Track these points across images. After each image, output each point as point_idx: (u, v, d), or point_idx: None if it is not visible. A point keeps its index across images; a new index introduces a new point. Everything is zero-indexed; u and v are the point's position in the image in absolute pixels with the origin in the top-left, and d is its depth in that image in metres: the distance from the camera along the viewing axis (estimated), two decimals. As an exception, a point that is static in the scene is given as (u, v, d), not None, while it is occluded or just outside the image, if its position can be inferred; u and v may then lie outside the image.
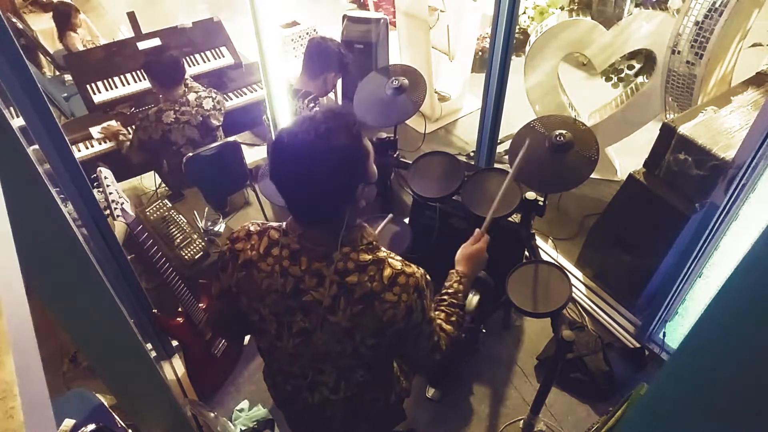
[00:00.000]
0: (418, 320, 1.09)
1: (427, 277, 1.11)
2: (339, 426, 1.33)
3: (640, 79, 3.01)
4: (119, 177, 2.52)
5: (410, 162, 2.19)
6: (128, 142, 2.76)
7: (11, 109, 1.42)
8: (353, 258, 1.05)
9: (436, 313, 1.25)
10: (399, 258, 1.10)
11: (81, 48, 4.01)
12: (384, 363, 1.28)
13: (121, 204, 1.74)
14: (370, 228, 1.13)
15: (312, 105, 2.35)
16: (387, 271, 1.05)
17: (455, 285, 1.32)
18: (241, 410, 2.15)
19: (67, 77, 3.77)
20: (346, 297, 1.05)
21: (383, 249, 1.11)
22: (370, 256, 1.06)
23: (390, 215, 1.74)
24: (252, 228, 1.15)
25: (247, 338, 2.39)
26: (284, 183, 1.02)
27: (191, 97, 2.64)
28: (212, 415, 1.98)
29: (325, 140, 0.96)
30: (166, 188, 3.15)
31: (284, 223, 1.12)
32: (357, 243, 1.07)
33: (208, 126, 2.72)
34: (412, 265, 1.09)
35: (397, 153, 2.34)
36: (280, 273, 1.08)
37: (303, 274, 1.07)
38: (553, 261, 2.52)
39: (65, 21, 3.98)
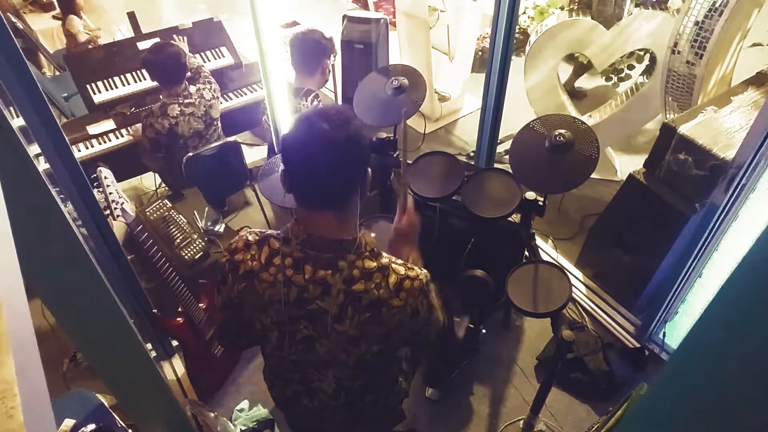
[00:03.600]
0: (426, 315, 1.11)
1: (428, 275, 1.12)
2: (339, 427, 1.33)
3: (640, 79, 3.01)
4: (119, 177, 2.52)
5: (410, 162, 2.19)
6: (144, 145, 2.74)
7: (11, 109, 1.42)
8: (358, 266, 1.05)
9: None
10: (400, 262, 1.10)
11: (83, 32, 3.98)
12: (385, 367, 1.28)
13: (121, 204, 1.74)
14: (368, 234, 1.13)
15: (315, 103, 2.36)
16: (392, 278, 1.05)
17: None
18: (241, 410, 2.15)
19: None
20: (354, 305, 1.04)
21: (385, 254, 1.11)
22: (375, 263, 1.06)
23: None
24: (250, 237, 1.12)
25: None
26: (294, 160, 1.02)
27: (192, 89, 2.64)
28: (212, 415, 1.98)
29: (338, 125, 0.98)
30: (166, 188, 3.15)
31: (283, 231, 1.10)
32: (361, 250, 1.07)
33: (211, 117, 2.73)
34: (415, 268, 1.09)
35: (397, 153, 2.33)
36: (284, 282, 1.07)
37: (307, 283, 1.06)
38: (553, 261, 2.52)
39: (68, 3, 3.98)
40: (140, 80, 3.06)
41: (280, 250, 1.08)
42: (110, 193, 1.73)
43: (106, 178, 1.76)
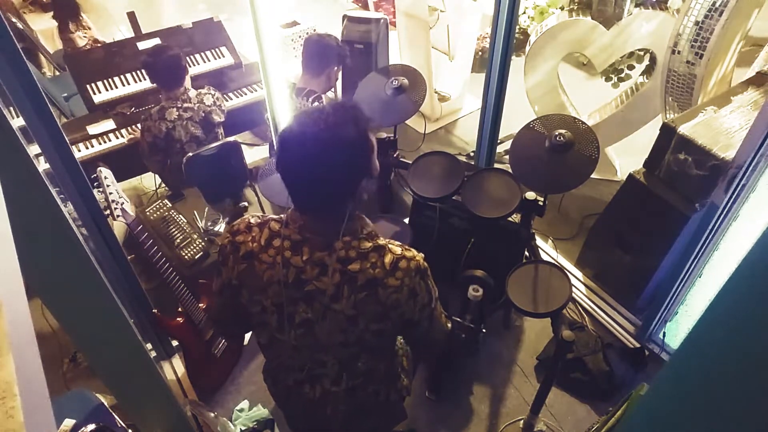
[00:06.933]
0: (425, 301, 1.12)
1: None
2: (340, 424, 1.33)
3: (640, 79, 3.01)
4: (119, 177, 2.52)
5: (410, 162, 2.19)
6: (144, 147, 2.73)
7: (11, 109, 1.42)
8: (354, 246, 1.07)
9: None
10: (398, 243, 1.12)
11: (80, 36, 4.00)
12: (387, 351, 1.28)
13: (121, 204, 1.74)
14: (368, 219, 1.15)
15: (316, 104, 2.36)
16: (388, 257, 1.07)
17: None
18: (241, 410, 2.15)
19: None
20: (350, 285, 1.06)
21: (381, 237, 1.13)
22: (371, 244, 1.08)
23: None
24: (252, 220, 1.16)
25: (247, 338, 2.40)
26: (290, 172, 1.03)
27: (192, 93, 2.64)
28: (212, 415, 1.98)
29: (334, 132, 0.98)
30: (166, 188, 3.15)
31: (284, 215, 1.13)
32: (357, 233, 1.09)
33: (210, 122, 2.72)
34: (412, 249, 1.12)
35: (397, 153, 2.34)
36: (282, 264, 1.09)
37: (304, 265, 1.08)
38: (553, 261, 2.52)
39: (70, 17, 3.97)
40: (140, 80, 3.06)
41: (279, 232, 1.10)
42: (110, 193, 1.73)
43: (106, 178, 1.76)
